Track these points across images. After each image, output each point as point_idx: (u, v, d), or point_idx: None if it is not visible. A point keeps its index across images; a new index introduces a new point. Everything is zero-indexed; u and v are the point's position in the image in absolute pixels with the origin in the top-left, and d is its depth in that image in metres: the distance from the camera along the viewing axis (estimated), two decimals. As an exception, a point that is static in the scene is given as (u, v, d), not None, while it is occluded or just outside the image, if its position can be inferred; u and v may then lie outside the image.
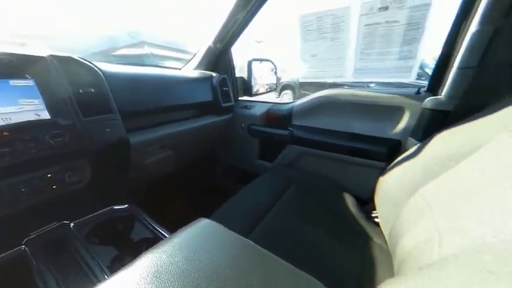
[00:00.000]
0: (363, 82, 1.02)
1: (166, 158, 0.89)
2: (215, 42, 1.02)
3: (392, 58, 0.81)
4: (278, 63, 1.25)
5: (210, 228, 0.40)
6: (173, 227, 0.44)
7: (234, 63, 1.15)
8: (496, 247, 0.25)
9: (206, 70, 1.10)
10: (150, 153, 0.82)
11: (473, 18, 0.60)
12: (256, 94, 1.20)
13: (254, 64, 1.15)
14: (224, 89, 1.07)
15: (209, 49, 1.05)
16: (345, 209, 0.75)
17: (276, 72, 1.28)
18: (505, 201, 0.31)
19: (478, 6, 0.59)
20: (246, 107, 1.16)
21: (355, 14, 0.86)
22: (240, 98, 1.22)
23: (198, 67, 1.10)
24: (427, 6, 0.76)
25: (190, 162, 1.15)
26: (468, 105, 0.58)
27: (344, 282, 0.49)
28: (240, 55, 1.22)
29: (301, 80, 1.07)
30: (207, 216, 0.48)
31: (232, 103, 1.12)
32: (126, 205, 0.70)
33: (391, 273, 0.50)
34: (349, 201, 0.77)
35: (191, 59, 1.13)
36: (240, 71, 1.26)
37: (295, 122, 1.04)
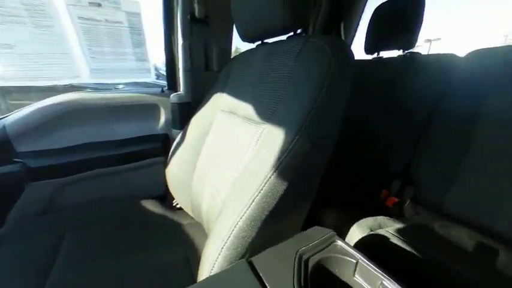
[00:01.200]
0: (108, 84, 0.92)
1: None
2: None
3: (130, 59, 0.83)
4: None
5: None
6: None
7: None
8: (242, 179, 0.42)
9: None
10: None
11: (177, 33, 0.81)
12: None
13: None
14: None
15: None
16: (148, 215, 0.72)
17: None
18: (231, 156, 0.52)
19: (177, 24, 0.80)
20: None
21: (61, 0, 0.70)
22: None
23: None
24: (139, 14, 0.86)
25: None
26: (199, 96, 0.82)
27: (181, 275, 0.51)
28: None
29: (1, 84, 0.66)
30: None
31: None
32: None
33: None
34: (149, 205, 0.75)
35: None
36: None
37: (24, 148, 0.67)
